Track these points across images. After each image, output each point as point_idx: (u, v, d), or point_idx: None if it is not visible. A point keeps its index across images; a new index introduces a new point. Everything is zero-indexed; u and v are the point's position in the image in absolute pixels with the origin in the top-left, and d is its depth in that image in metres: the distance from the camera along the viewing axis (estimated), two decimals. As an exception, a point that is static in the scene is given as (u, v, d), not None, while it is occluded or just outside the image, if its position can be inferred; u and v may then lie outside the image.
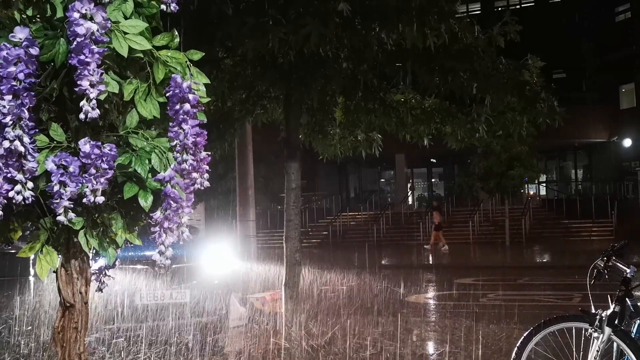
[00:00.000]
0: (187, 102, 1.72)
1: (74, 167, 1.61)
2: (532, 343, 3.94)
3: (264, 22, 5.53)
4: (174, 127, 1.74)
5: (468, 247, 24.26)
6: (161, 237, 1.76)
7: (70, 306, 1.93)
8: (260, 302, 8.13)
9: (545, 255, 20.78)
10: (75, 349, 1.94)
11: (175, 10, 1.83)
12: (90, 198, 1.62)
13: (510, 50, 7.08)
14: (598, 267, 3.88)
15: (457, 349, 6.12)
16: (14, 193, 1.58)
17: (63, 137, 1.70)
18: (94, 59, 1.56)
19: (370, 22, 5.96)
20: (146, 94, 1.77)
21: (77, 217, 1.69)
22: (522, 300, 10.18)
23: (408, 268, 16.27)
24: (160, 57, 1.76)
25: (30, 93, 1.56)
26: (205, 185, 1.87)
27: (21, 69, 1.54)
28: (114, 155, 1.65)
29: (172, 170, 1.73)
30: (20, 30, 1.56)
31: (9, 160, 1.56)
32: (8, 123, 1.54)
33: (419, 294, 10.99)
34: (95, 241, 1.79)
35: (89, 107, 1.59)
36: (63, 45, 1.64)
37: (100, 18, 1.58)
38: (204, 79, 1.83)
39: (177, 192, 1.73)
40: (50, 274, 1.84)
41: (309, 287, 9.46)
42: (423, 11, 5.73)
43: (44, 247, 1.80)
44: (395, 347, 5.98)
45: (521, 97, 7.30)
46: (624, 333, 3.72)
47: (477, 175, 24.33)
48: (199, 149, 1.80)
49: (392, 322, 7.31)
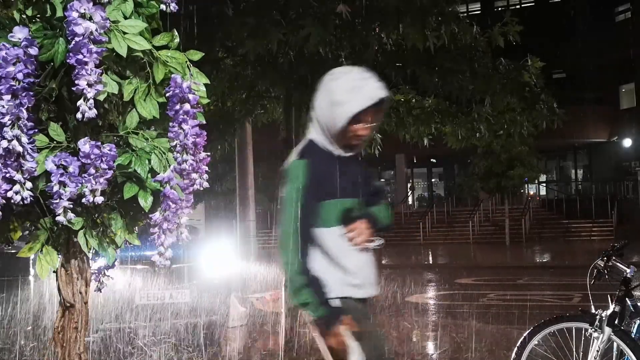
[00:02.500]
0: (187, 102, 1.72)
1: (74, 167, 1.61)
2: (532, 343, 3.94)
3: (264, 22, 5.53)
4: (174, 128, 1.74)
5: (468, 247, 24.27)
6: (160, 238, 1.76)
7: (70, 306, 1.93)
8: (260, 302, 8.13)
9: (545, 255, 20.78)
10: (75, 349, 1.94)
11: (175, 10, 1.83)
12: (90, 198, 1.62)
13: (510, 51, 7.08)
14: (598, 267, 3.87)
15: (457, 348, 6.12)
16: (13, 193, 1.58)
17: (63, 137, 1.70)
18: (92, 58, 1.56)
19: (371, 22, 5.96)
20: (146, 94, 1.77)
21: (76, 217, 1.69)
22: (522, 300, 10.18)
23: (408, 268, 16.27)
24: (160, 57, 1.76)
25: (29, 93, 1.56)
26: (205, 186, 1.88)
27: (20, 69, 1.54)
28: (113, 155, 1.65)
29: (171, 172, 1.73)
30: (20, 30, 1.56)
31: (8, 160, 1.56)
32: (6, 123, 1.53)
33: (419, 294, 10.99)
34: (94, 241, 1.79)
35: (86, 107, 1.59)
36: (62, 45, 1.63)
37: (99, 18, 1.57)
38: (204, 79, 1.82)
39: (176, 193, 1.73)
40: (50, 274, 1.84)
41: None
42: (424, 12, 5.73)
43: (43, 247, 1.80)
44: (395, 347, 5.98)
45: (521, 99, 7.30)
46: (624, 333, 3.72)
47: (477, 175, 24.35)
48: (199, 149, 1.80)
49: (392, 322, 7.32)
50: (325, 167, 2.44)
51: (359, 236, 2.42)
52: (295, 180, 2.39)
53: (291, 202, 2.37)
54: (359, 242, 2.43)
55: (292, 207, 2.37)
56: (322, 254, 2.42)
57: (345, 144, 2.48)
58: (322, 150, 2.47)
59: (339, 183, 2.44)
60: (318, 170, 2.40)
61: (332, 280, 2.40)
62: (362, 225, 2.43)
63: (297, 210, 2.36)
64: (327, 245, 2.42)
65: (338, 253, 2.41)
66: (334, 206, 2.41)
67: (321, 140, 2.48)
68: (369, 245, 2.47)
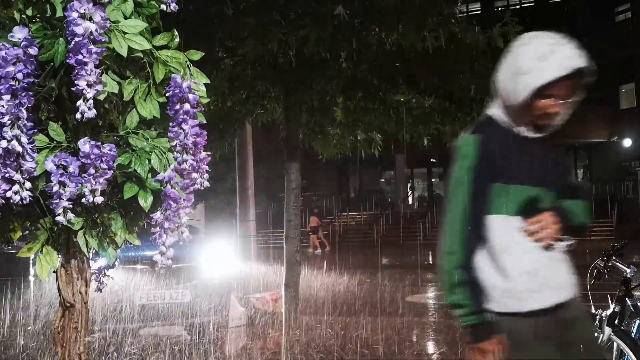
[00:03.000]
0: (187, 102, 1.72)
1: (74, 167, 1.61)
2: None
3: (264, 23, 5.53)
4: (174, 127, 1.74)
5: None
6: (162, 238, 1.76)
7: (70, 306, 1.93)
8: (260, 302, 8.14)
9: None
10: (75, 349, 1.94)
11: (175, 10, 1.83)
12: (90, 198, 1.62)
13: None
14: (598, 267, 3.88)
15: (457, 348, 6.12)
16: (12, 193, 1.58)
17: (63, 137, 1.70)
18: (91, 58, 1.56)
19: (370, 23, 5.96)
20: (146, 94, 1.77)
21: (76, 217, 1.69)
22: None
23: (408, 268, 16.26)
24: (160, 57, 1.76)
25: (28, 93, 1.56)
26: (205, 186, 1.88)
27: (20, 69, 1.54)
28: (113, 155, 1.65)
29: (171, 171, 1.73)
30: (19, 30, 1.56)
31: (7, 160, 1.56)
32: (6, 123, 1.53)
33: (419, 294, 10.99)
34: (94, 241, 1.79)
35: (86, 107, 1.59)
36: (62, 45, 1.63)
37: (99, 18, 1.57)
38: (204, 79, 1.82)
39: (177, 193, 1.73)
40: (50, 274, 1.84)
41: (309, 287, 9.46)
42: (422, 13, 5.73)
43: (43, 247, 1.80)
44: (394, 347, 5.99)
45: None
46: (624, 333, 3.72)
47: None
48: (199, 149, 1.80)
49: (392, 322, 7.32)
50: (503, 146, 2.08)
51: (542, 231, 2.02)
52: (464, 159, 2.08)
53: (458, 184, 2.07)
54: (542, 237, 2.02)
55: (459, 189, 2.06)
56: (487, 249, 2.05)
57: (531, 122, 2.10)
58: (501, 128, 2.12)
59: (520, 166, 2.07)
60: (492, 149, 2.06)
61: (490, 284, 2.02)
62: (549, 218, 2.03)
63: (465, 193, 2.04)
64: (492, 237, 2.04)
65: (503, 249, 2.02)
66: (513, 192, 2.05)
67: (501, 116, 2.14)
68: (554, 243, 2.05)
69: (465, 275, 2.00)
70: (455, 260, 2.01)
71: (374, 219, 29.57)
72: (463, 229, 2.02)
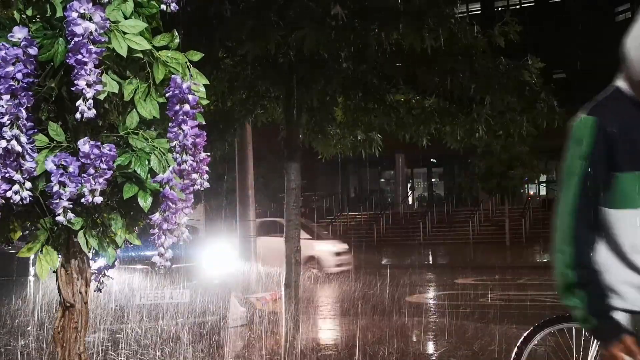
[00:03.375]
0: (186, 103, 1.72)
1: (74, 167, 1.61)
2: (533, 343, 3.94)
3: (262, 24, 5.53)
4: (174, 128, 1.74)
5: (468, 247, 24.26)
6: (160, 239, 1.76)
7: (70, 306, 1.93)
8: (260, 302, 8.13)
9: (545, 255, 20.77)
10: (75, 349, 1.94)
11: (175, 10, 1.83)
12: (89, 198, 1.62)
13: (510, 51, 7.08)
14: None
15: (457, 348, 6.12)
16: (12, 193, 1.58)
17: (62, 137, 1.70)
18: (91, 58, 1.56)
19: (369, 23, 5.96)
20: (146, 94, 1.77)
21: (76, 217, 1.69)
22: (522, 300, 10.18)
23: (408, 268, 16.27)
24: (160, 57, 1.76)
25: (28, 93, 1.56)
26: (205, 186, 1.87)
27: (19, 69, 1.54)
28: (113, 155, 1.65)
29: (170, 173, 1.73)
30: (19, 30, 1.56)
31: (7, 160, 1.56)
32: (5, 123, 1.54)
33: (419, 294, 10.99)
34: (94, 241, 1.79)
35: (85, 107, 1.59)
36: (62, 45, 1.64)
37: (99, 18, 1.57)
38: (203, 80, 1.83)
39: (175, 194, 1.73)
40: (50, 274, 1.84)
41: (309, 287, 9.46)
42: (422, 13, 5.73)
43: (43, 247, 1.80)
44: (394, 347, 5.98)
45: (521, 98, 7.30)
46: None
47: (478, 176, 24.36)
48: (199, 149, 1.80)
49: (391, 321, 7.32)
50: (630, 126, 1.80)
51: None
52: (578, 144, 1.83)
53: (572, 173, 1.83)
54: None
55: (572, 179, 1.83)
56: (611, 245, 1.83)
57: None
58: (630, 103, 1.83)
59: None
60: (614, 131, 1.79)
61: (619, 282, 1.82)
62: None
63: (580, 184, 1.81)
64: (620, 233, 1.81)
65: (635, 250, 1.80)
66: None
67: (628, 89, 1.85)
68: None
69: (579, 276, 1.82)
70: (568, 259, 1.83)
71: (373, 219, 29.57)
72: (575, 225, 1.82)
